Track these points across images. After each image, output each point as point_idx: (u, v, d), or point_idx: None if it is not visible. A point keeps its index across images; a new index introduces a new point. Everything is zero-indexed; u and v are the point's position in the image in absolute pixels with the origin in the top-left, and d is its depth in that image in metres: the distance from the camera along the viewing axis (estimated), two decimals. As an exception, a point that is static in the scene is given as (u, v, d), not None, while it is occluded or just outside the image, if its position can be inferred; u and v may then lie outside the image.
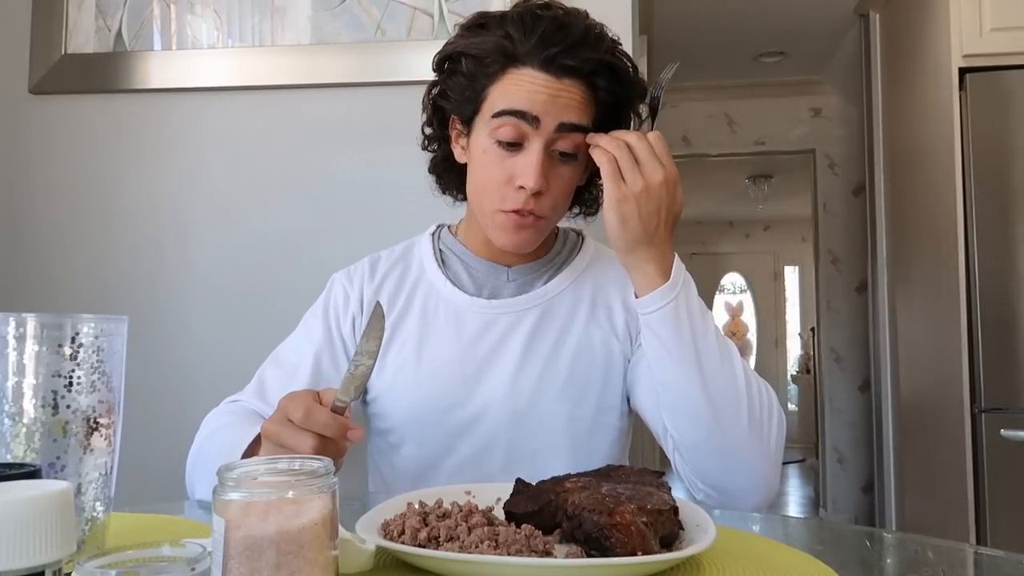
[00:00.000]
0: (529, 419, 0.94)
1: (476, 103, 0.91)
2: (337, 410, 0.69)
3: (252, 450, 0.79)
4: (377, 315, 0.72)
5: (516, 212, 0.89)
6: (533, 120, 0.86)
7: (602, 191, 1.02)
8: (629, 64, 0.93)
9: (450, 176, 1.02)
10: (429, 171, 1.04)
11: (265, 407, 0.91)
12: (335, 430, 0.68)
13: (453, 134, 0.97)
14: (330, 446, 0.69)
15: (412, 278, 1.02)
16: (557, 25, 0.87)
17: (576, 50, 0.86)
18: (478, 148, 0.92)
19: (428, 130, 1.01)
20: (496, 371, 0.95)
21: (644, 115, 0.96)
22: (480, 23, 0.92)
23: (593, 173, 0.99)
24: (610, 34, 0.92)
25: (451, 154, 0.98)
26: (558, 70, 0.86)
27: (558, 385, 0.95)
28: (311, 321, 1.02)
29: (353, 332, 1.00)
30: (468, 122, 0.93)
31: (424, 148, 1.02)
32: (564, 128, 0.87)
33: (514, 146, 0.88)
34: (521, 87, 0.87)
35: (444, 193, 1.05)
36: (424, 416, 0.96)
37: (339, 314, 1.01)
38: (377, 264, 1.04)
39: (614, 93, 0.90)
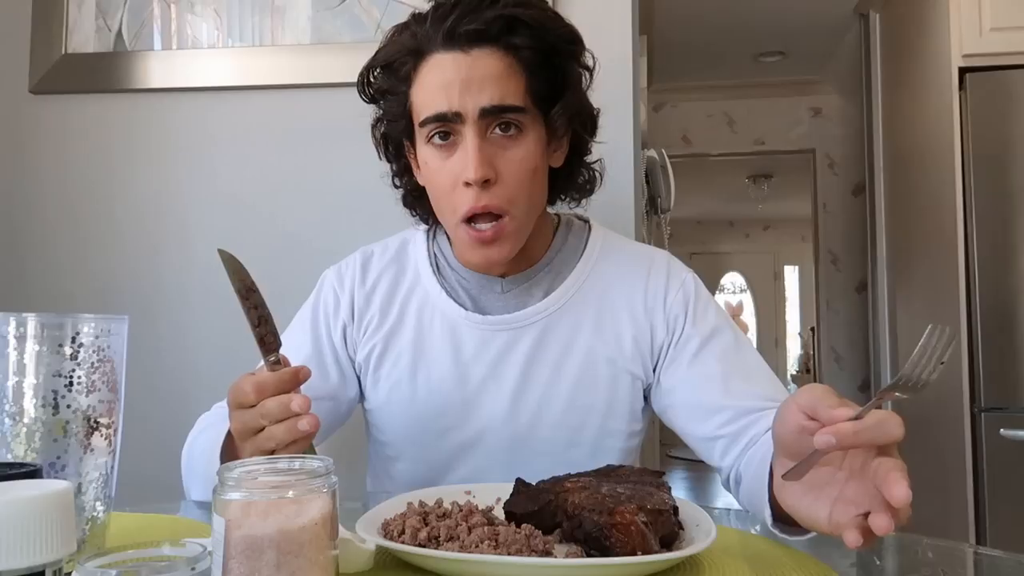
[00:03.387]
0: (528, 444, 0.91)
1: (407, 116, 0.86)
2: (274, 371, 0.70)
3: (228, 445, 0.77)
4: (231, 268, 0.74)
5: (472, 224, 0.83)
6: (455, 116, 0.81)
7: (595, 173, 0.96)
8: (547, 11, 0.85)
9: (422, 204, 0.95)
10: (404, 205, 0.98)
11: None
12: (289, 382, 0.68)
13: (411, 160, 0.92)
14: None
15: (406, 284, 0.96)
16: (453, 0, 0.81)
17: (475, 13, 0.80)
18: (423, 161, 0.87)
19: (392, 166, 0.96)
20: (494, 394, 0.91)
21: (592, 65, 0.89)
22: (391, 36, 0.88)
23: (571, 151, 0.93)
24: None
25: (417, 183, 0.93)
26: (463, 41, 0.80)
27: (558, 411, 0.91)
28: (299, 326, 0.98)
29: (344, 340, 0.96)
30: (412, 140, 0.89)
31: (395, 186, 0.97)
32: (488, 112, 0.81)
33: (450, 144, 0.83)
34: (433, 80, 0.81)
35: (427, 223, 0.99)
36: (420, 436, 0.93)
37: (329, 321, 0.97)
38: (369, 263, 0.99)
39: (536, 49, 0.82)
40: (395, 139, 0.92)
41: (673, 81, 3.95)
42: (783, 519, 0.63)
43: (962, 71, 2.23)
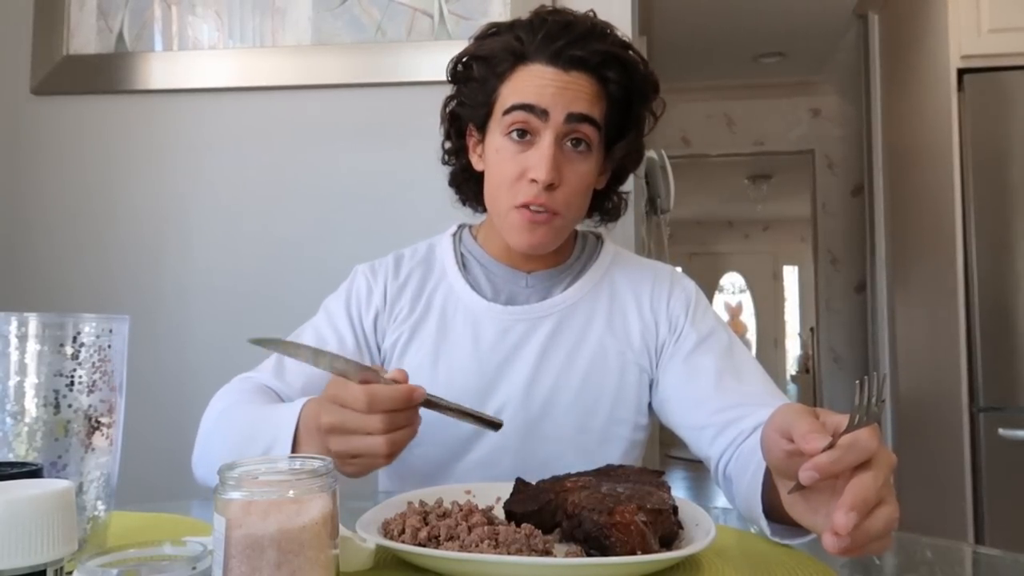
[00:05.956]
0: (540, 428, 0.95)
1: (488, 105, 0.93)
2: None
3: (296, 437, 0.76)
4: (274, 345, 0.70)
5: (528, 208, 0.90)
6: (542, 113, 0.88)
7: (623, 199, 1.05)
8: (639, 59, 0.94)
9: (469, 186, 1.02)
10: (449, 184, 1.04)
11: (283, 386, 0.92)
12: (401, 400, 0.67)
13: (471, 143, 0.99)
14: (399, 420, 0.68)
15: (433, 281, 1.02)
16: (564, 23, 0.90)
17: (583, 42, 0.88)
18: (492, 149, 0.93)
19: (447, 144, 1.02)
20: (509, 379, 0.96)
21: (660, 112, 0.98)
22: (491, 32, 0.95)
23: (612, 179, 1.00)
24: (619, 33, 0.94)
25: (470, 165, 1.00)
26: (566, 63, 0.88)
27: (570, 396, 0.96)
28: (333, 308, 1.02)
29: (374, 328, 1.00)
30: (482, 127, 0.95)
31: (444, 163, 1.03)
32: (573, 119, 0.88)
33: (526, 141, 0.89)
34: (530, 82, 0.89)
35: (465, 205, 1.05)
36: (438, 420, 0.93)
37: (361, 307, 1.01)
38: (401, 262, 1.05)
39: (624, 87, 0.91)
40: (463, 121, 0.98)
41: (673, 81, 3.95)
42: (780, 522, 0.64)
43: (960, 72, 2.23)
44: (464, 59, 0.96)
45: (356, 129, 1.56)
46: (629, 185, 1.06)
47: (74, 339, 0.57)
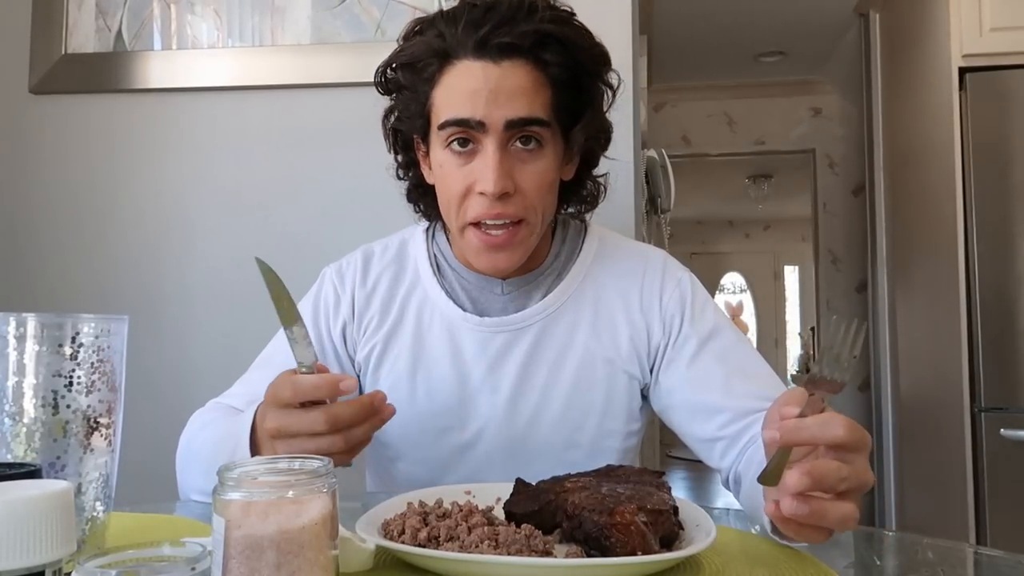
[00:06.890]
0: (526, 445, 0.91)
1: (425, 116, 0.85)
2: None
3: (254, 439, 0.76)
4: (270, 279, 0.71)
5: (482, 225, 0.82)
6: (478, 125, 0.80)
7: (600, 186, 0.97)
8: (581, 29, 0.85)
9: (427, 200, 0.94)
10: (407, 200, 0.97)
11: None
12: (326, 389, 0.67)
13: (419, 155, 0.91)
14: (338, 412, 0.68)
15: (406, 284, 0.96)
16: (487, 6, 0.80)
17: (509, 25, 0.79)
18: (436, 164, 0.86)
19: (398, 158, 0.95)
20: (492, 395, 0.91)
21: (617, 83, 0.89)
22: (415, 30, 0.86)
23: (582, 164, 0.93)
24: (557, 3, 0.84)
25: (423, 178, 0.92)
26: (495, 53, 0.79)
27: (556, 412, 0.91)
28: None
29: (343, 338, 0.95)
30: (426, 139, 0.88)
31: (398, 178, 0.96)
32: (514, 124, 0.80)
33: (468, 151, 0.82)
34: (460, 86, 0.81)
35: (429, 220, 0.98)
36: (419, 436, 0.92)
37: (329, 316, 0.96)
38: (370, 263, 0.98)
39: (566, 67, 0.82)
40: (406, 134, 0.91)
41: (673, 81, 3.95)
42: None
43: (962, 71, 2.23)
44: (391, 67, 0.88)
45: (356, 128, 1.56)
46: (606, 167, 0.96)
47: (73, 339, 0.57)
